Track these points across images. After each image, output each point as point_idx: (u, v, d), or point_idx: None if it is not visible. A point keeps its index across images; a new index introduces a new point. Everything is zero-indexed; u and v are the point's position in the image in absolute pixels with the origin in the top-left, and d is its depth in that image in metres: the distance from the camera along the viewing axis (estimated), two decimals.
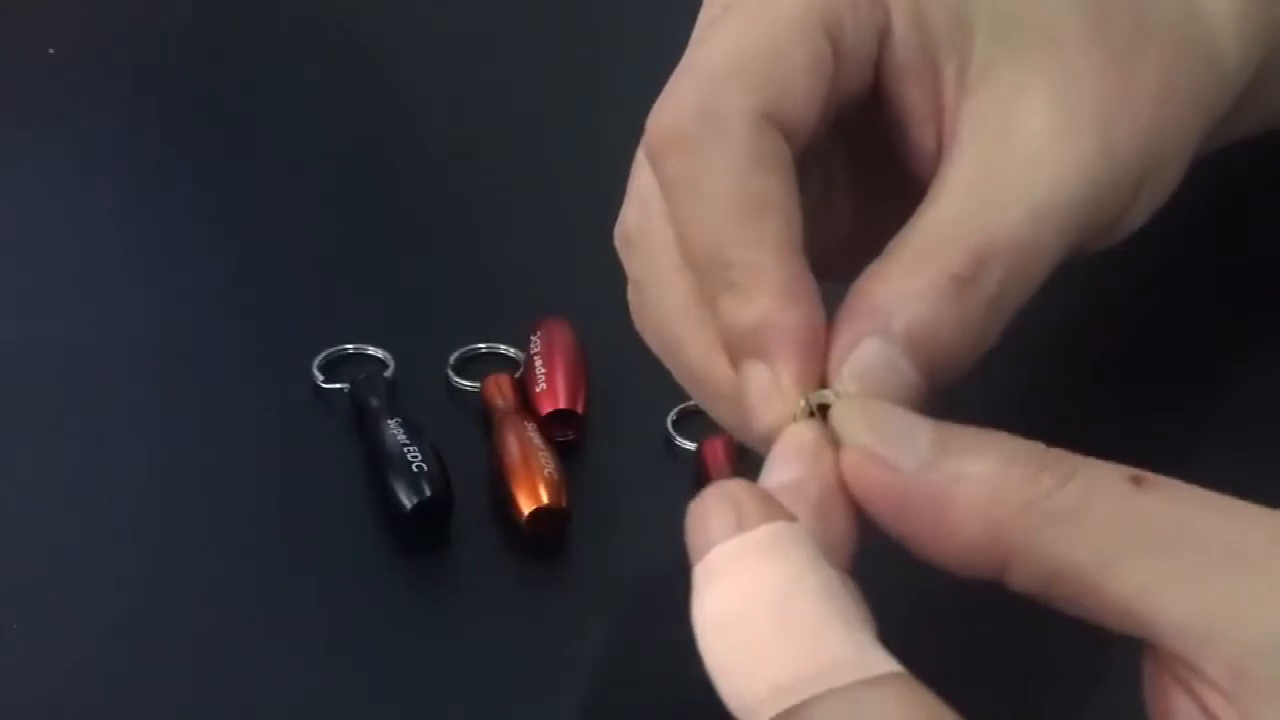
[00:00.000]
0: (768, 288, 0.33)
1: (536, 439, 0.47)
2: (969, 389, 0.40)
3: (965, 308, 0.34)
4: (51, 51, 0.68)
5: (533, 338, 0.50)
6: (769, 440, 0.33)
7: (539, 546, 0.46)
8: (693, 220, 0.35)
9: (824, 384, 0.33)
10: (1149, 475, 0.29)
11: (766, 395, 0.33)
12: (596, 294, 0.43)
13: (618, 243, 0.39)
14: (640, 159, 0.38)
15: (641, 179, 0.38)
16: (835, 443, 0.32)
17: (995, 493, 0.29)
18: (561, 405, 0.49)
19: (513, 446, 0.47)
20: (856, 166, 0.40)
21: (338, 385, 0.50)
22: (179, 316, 0.55)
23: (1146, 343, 0.52)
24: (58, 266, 0.57)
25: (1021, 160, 0.35)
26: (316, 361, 0.51)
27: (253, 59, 0.69)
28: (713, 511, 0.29)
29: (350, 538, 0.46)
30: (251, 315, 0.55)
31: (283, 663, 0.43)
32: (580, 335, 0.50)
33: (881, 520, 0.31)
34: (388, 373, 0.51)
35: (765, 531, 0.29)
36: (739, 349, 0.34)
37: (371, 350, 0.52)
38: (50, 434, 0.50)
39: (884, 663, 0.28)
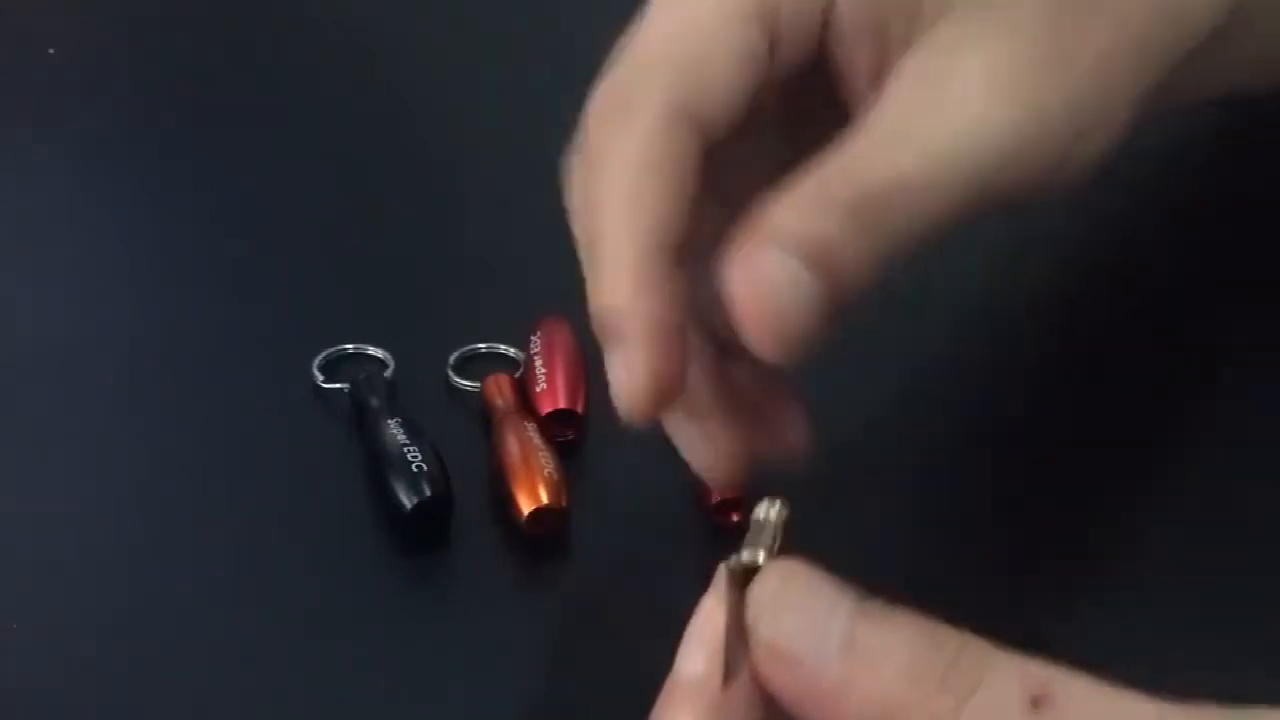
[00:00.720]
0: (624, 278, 0.36)
1: (536, 439, 0.47)
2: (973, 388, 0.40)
3: (863, 237, 0.35)
4: (51, 51, 0.68)
5: (532, 338, 0.51)
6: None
7: (539, 546, 0.46)
8: (587, 195, 0.37)
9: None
10: (1052, 694, 0.28)
11: (621, 384, 0.36)
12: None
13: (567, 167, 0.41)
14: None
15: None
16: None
17: (886, 708, 0.29)
18: (562, 405, 0.49)
19: (512, 446, 0.47)
20: (802, 126, 0.40)
21: (338, 385, 0.50)
22: (179, 316, 0.55)
23: (1145, 332, 0.52)
24: (57, 266, 0.57)
25: (943, 108, 0.36)
26: (316, 361, 0.51)
27: (253, 59, 0.69)
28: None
29: (350, 538, 0.46)
30: (251, 315, 0.55)
31: (282, 662, 0.43)
32: (580, 335, 0.50)
33: (787, 708, 0.31)
34: (388, 373, 0.51)
35: None
36: (601, 325, 0.37)
37: (371, 350, 0.52)
38: (50, 434, 0.50)
39: None
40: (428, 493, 0.45)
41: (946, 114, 0.36)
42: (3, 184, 0.62)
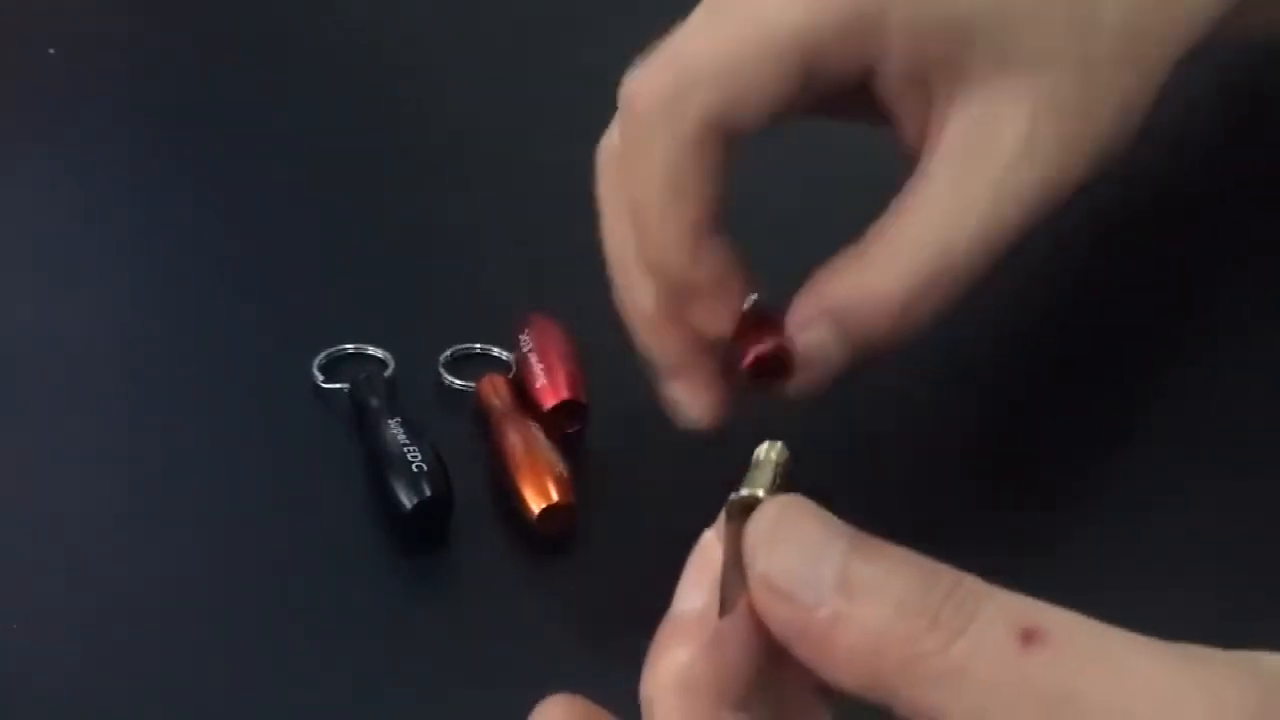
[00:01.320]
0: (678, 251, 0.42)
1: (540, 436, 0.47)
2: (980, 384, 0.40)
3: (905, 320, 0.42)
4: (51, 51, 0.68)
5: (521, 336, 0.50)
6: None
7: (538, 545, 0.46)
8: (632, 170, 0.43)
9: None
10: (1042, 630, 0.28)
11: (706, 320, 0.43)
12: (580, 292, 0.43)
13: (601, 154, 0.45)
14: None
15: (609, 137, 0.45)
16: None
17: (877, 645, 0.29)
18: (565, 397, 0.49)
19: (517, 445, 0.47)
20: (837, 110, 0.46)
21: (338, 385, 0.50)
22: (179, 316, 0.55)
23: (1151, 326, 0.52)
24: (57, 266, 0.57)
25: (986, 185, 0.43)
26: (316, 361, 0.51)
27: (253, 60, 0.69)
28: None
29: (350, 538, 0.46)
30: (251, 315, 0.55)
31: (283, 662, 0.43)
32: (571, 330, 0.50)
33: (782, 642, 0.31)
34: (388, 373, 0.51)
35: None
36: (672, 292, 0.43)
37: (371, 350, 0.52)
38: (50, 434, 0.50)
39: None
40: (428, 493, 0.45)
41: (989, 194, 0.43)
42: (3, 184, 0.62)
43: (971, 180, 0.43)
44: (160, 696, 0.42)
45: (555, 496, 0.45)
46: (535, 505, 0.45)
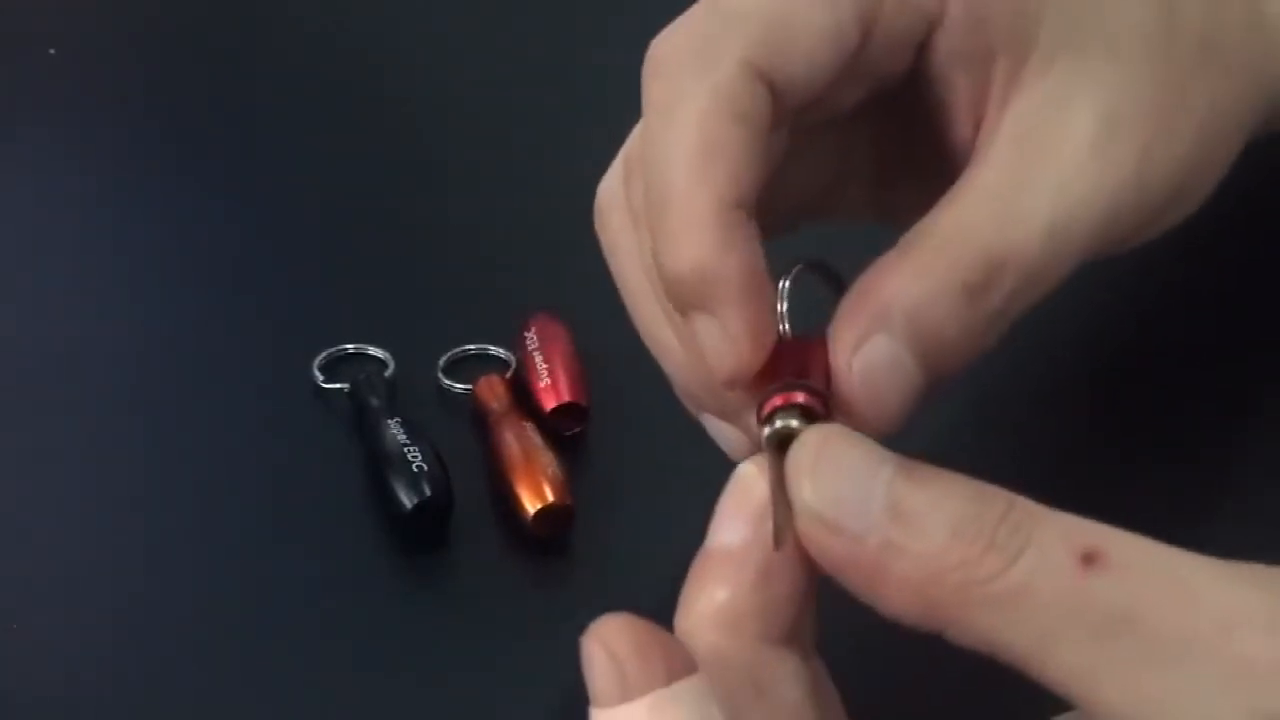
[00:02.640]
0: (708, 234, 0.33)
1: (536, 437, 0.47)
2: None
3: (973, 314, 0.34)
4: (52, 51, 0.68)
5: (526, 335, 0.51)
6: (733, 392, 0.34)
7: (538, 546, 0.46)
8: (654, 147, 0.35)
9: (798, 379, 0.32)
10: (1103, 552, 0.28)
11: (719, 350, 0.33)
12: (580, 291, 0.43)
13: (596, 207, 0.39)
14: (635, 132, 0.38)
15: (629, 147, 0.38)
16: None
17: (932, 571, 0.29)
18: (567, 399, 0.49)
19: (513, 446, 0.47)
20: (879, 150, 0.40)
21: (338, 385, 0.51)
22: (179, 317, 0.55)
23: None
24: (57, 267, 0.57)
25: (1054, 175, 0.35)
26: (316, 361, 0.51)
27: (253, 60, 0.69)
28: (597, 668, 0.32)
29: (350, 538, 0.46)
30: (251, 315, 0.55)
31: (283, 662, 0.43)
32: (574, 330, 0.51)
33: (831, 573, 0.30)
34: (388, 373, 0.51)
35: (645, 707, 0.31)
36: (682, 299, 0.34)
37: (371, 350, 0.52)
38: (50, 434, 0.50)
39: None
40: (428, 493, 0.45)
41: (1056, 183, 0.35)
42: (3, 184, 0.62)
43: (1036, 174, 0.35)
44: (160, 696, 0.42)
45: (551, 497, 0.45)
46: (531, 506, 0.45)
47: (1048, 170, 0.35)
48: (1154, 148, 0.36)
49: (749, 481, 0.31)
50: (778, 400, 0.32)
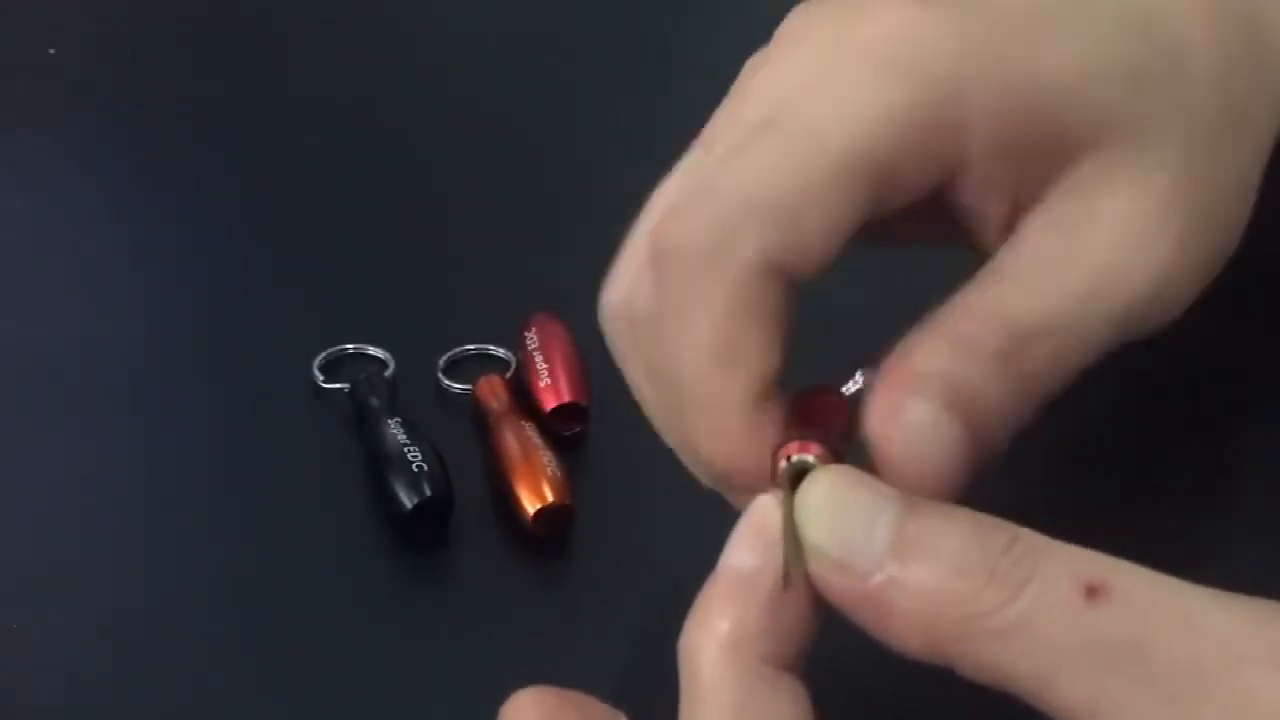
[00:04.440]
0: (734, 438, 0.34)
1: (536, 438, 0.47)
2: None
3: (1007, 378, 0.34)
4: (52, 51, 0.68)
5: (526, 334, 0.51)
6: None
7: (538, 546, 0.46)
8: (671, 350, 0.35)
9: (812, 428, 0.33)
10: (1107, 584, 0.28)
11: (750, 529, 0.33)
12: (580, 291, 0.43)
13: (611, 314, 0.38)
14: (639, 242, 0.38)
15: (630, 287, 0.37)
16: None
17: (935, 607, 0.29)
18: (567, 399, 0.49)
19: (513, 446, 0.47)
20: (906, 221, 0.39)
21: (338, 385, 0.51)
22: (179, 316, 0.55)
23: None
24: (57, 267, 0.57)
25: (1087, 253, 0.35)
26: (316, 361, 0.51)
27: (253, 60, 0.69)
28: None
29: (350, 538, 0.46)
30: (252, 315, 0.55)
31: (283, 662, 0.43)
32: (575, 330, 0.51)
33: (840, 609, 0.31)
34: (388, 373, 0.51)
35: None
36: (724, 488, 0.35)
37: (371, 350, 0.52)
38: (50, 434, 0.50)
39: None
40: (428, 493, 0.45)
41: (1090, 259, 0.35)
42: (3, 184, 0.62)
43: (1072, 250, 0.35)
44: (160, 696, 0.42)
45: (550, 497, 0.45)
46: (530, 506, 0.45)
47: (1084, 255, 0.35)
48: (1191, 227, 0.36)
49: (766, 510, 0.32)
50: (794, 448, 0.32)
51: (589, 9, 0.71)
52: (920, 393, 0.33)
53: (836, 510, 0.31)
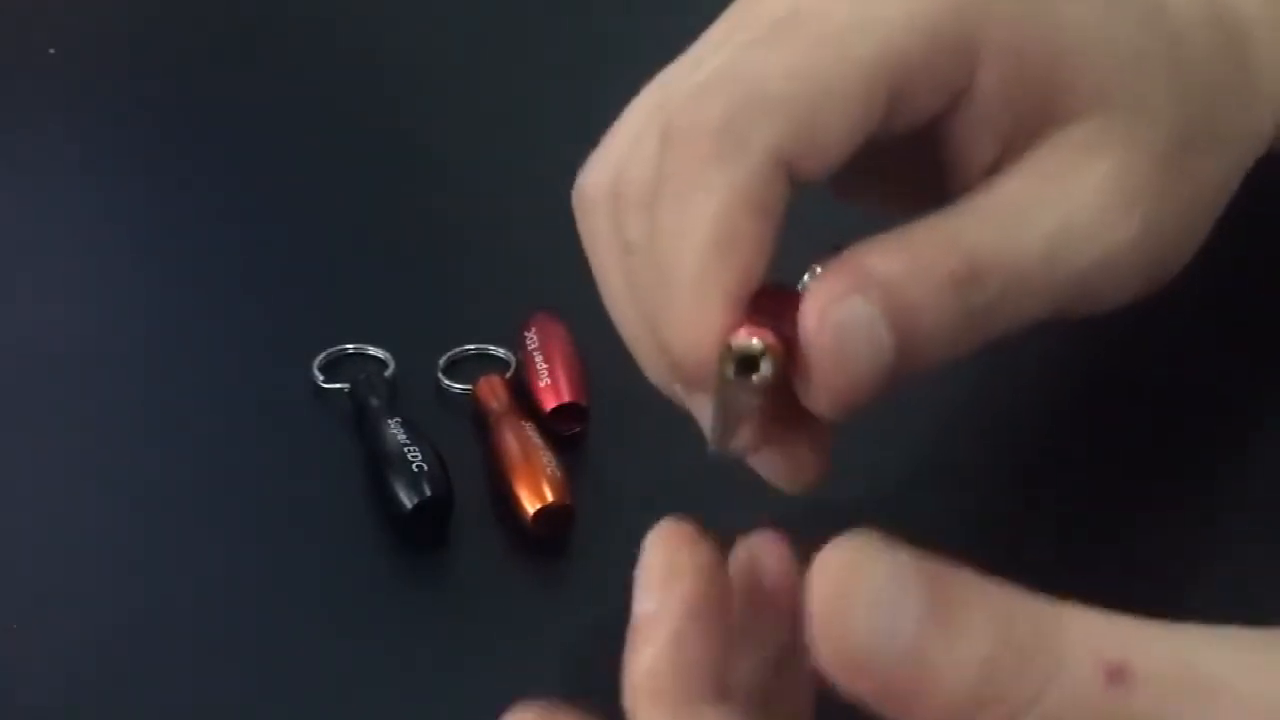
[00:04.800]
0: (713, 329, 0.33)
1: (535, 438, 0.47)
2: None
3: (954, 305, 0.34)
4: (52, 51, 0.68)
5: (526, 334, 0.51)
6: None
7: (539, 546, 0.46)
8: (668, 229, 0.34)
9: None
10: (1128, 666, 0.27)
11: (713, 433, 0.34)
12: (580, 291, 0.43)
13: (592, 190, 0.38)
14: (627, 130, 0.38)
15: (620, 157, 0.38)
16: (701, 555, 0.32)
17: (964, 709, 0.28)
18: (567, 399, 0.49)
19: (513, 446, 0.47)
20: (884, 176, 0.39)
21: (338, 385, 0.51)
22: (179, 317, 0.55)
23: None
24: (57, 267, 0.57)
25: (1063, 208, 0.35)
26: (316, 361, 0.51)
27: (252, 59, 0.69)
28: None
29: (350, 538, 0.46)
30: (251, 315, 0.55)
31: (282, 663, 0.43)
32: (574, 330, 0.51)
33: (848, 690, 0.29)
34: (388, 373, 0.51)
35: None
36: (683, 378, 0.35)
37: (371, 350, 0.52)
38: (50, 434, 0.50)
39: None
40: (428, 493, 0.45)
41: (1067, 209, 0.35)
42: (3, 184, 0.62)
43: (1047, 201, 0.36)
44: (160, 696, 0.42)
45: (550, 497, 0.45)
46: (530, 506, 0.45)
47: (1058, 201, 0.35)
48: (1162, 212, 0.37)
49: (650, 553, 0.32)
50: (743, 333, 0.32)
51: (590, 9, 0.71)
52: (862, 291, 0.33)
53: (853, 606, 0.28)
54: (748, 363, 0.32)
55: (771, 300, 0.34)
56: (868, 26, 0.35)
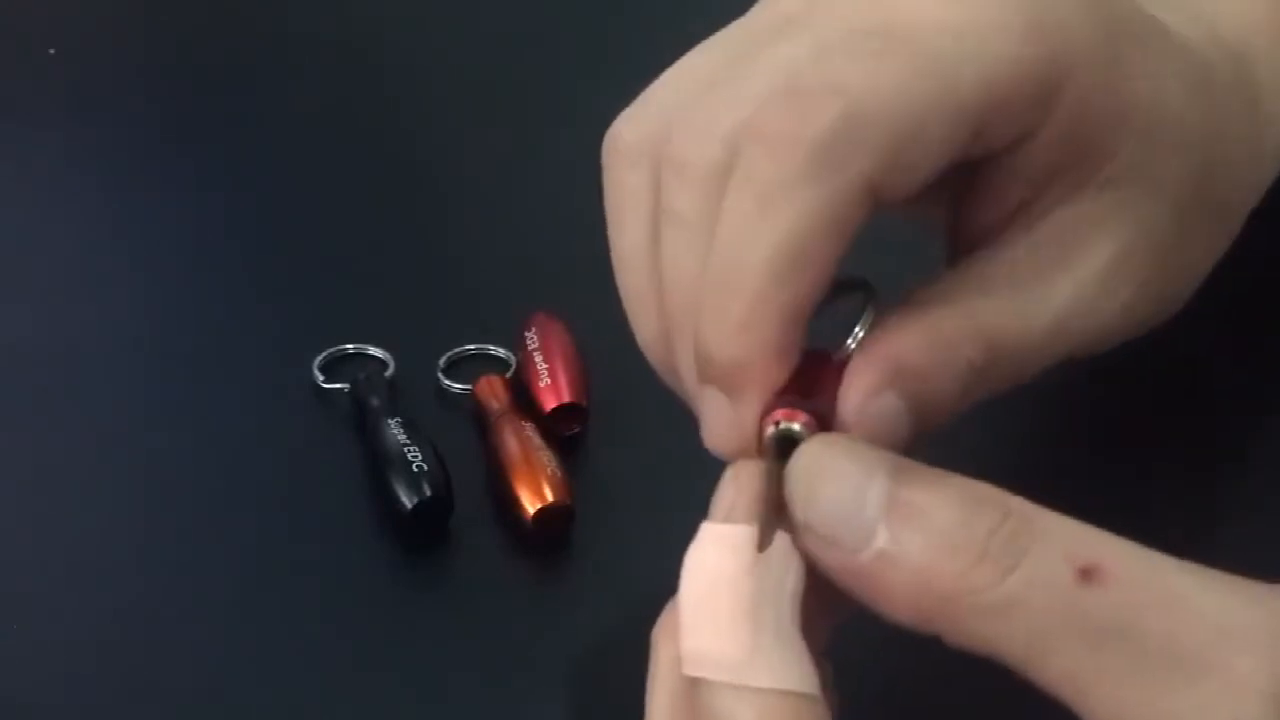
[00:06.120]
0: (765, 340, 0.33)
1: (536, 438, 0.47)
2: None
3: (967, 387, 0.35)
4: (52, 51, 0.68)
5: (527, 334, 0.51)
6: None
7: (539, 546, 0.46)
8: (743, 229, 0.33)
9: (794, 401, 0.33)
10: (1102, 566, 0.28)
11: (722, 426, 0.34)
12: (580, 291, 0.43)
13: (633, 143, 0.37)
14: (668, 86, 0.38)
15: (672, 118, 0.37)
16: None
17: (925, 582, 0.29)
18: (567, 399, 0.49)
19: (513, 446, 0.47)
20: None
21: (338, 385, 0.51)
22: (179, 316, 0.55)
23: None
24: (58, 267, 0.57)
25: (1071, 286, 0.36)
26: (316, 361, 0.51)
27: (253, 60, 0.69)
28: (722, 491, 0.33)
29: (350, 538, 0.46)
30: (252, 315, 0.55)
31: (283, 662, 0.43)
32: (575, 330, 0.51)
33: (832, 580, 0.31)
34: (388, 373, 0.51)
35: (736, 532, 0.32)
36: (707, 374, 0.34)
37: (371, 350, 0.52)
38: (51, 434, 0.50)
39: (792, 678, 0.30)
40: (428, 493, 0.45)
41: (1075, 287, 0.36)
42: (3, 183, 0.62)
43: (1056, 278, 0.36)
44: (160, 696, 0.42)
45: (550, 497, 0.45)
46: (530, 506, 0.45)
47: (1066, 279, 0.36)
48: (1150, 284, 0.38)
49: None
50: (781, 414, 0.33)
51: (590, 11, 0.71)
52: (894, 385, 0.34)
53: (824, 486, 0.31)
54: (788, 444, 0.32)
55: (811, 375, 0.34)
56: (971, 56, 0.34)
